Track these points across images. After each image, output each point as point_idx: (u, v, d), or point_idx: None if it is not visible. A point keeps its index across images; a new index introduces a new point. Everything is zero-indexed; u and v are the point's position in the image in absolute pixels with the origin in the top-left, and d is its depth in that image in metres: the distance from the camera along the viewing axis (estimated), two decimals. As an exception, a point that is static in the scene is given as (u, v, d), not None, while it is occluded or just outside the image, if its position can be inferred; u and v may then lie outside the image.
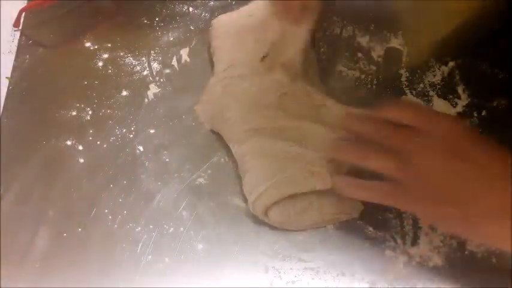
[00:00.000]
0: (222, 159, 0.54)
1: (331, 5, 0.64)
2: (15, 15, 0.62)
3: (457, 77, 0.60)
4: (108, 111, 0.57)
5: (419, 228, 0.51)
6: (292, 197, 0.49)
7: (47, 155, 0.54)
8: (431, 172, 0.41)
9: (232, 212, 0.51)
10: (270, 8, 0.57)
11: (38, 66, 0.60)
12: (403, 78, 0.60)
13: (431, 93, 0.59)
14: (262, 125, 0.52)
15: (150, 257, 0.49)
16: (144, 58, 0.61)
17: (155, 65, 0.61)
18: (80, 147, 0.55)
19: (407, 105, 0.49)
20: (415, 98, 0.58)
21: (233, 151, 0.53)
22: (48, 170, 0.54)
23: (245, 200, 0.51)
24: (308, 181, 0.49)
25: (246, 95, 0.53)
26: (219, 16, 0.61)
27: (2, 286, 0.47)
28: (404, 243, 0.50)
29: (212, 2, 0.66)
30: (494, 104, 0.58)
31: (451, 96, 0.59)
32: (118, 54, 0.61)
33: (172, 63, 0.61)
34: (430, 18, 0.63)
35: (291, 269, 0.49)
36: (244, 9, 0.60)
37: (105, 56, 0.61)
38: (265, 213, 0.49)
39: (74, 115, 0.57)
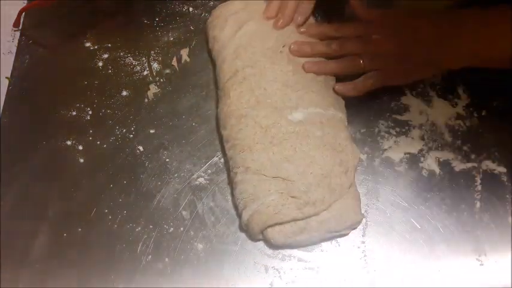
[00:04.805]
0: (222, 159, 0.54)
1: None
2: (15, 15, 0.62)
3: (457, 77, 0.60)
4: (108, 111, 0.57)
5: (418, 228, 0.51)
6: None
7: (47, 155, 0.54)
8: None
9: (232, 212, 0.51)
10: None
11: (38, 66, 0.61)
12: (403, 78, 0.60)
13: (431, 93, 0.59)
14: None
15: (150, 257, 0.49)
16: (144, 58, 0.61)
17: (155, 65, 0.61)
18: (80, 147, 0.55)
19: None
20: (415, 98, 0.58)
21: (227, 154, 0.52)
22: (48, 170, 0.54)
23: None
24: (288, 209, 0.47)
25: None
26: (216, 8, 0.60)
27: (2, 286, 0.47)
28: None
29: (212, 2, 0.66)
30: (494, 104, 0.58)
31: (451, 96, 0.59)
32: (118, 54, 0.61)
33: (173, 63, 0.61)
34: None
35: (291, 269, 0.49)
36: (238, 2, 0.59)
37: (105, 56, 0.61)
38: (262, 233, 0.48)
39: (74, 115, 0.57)
